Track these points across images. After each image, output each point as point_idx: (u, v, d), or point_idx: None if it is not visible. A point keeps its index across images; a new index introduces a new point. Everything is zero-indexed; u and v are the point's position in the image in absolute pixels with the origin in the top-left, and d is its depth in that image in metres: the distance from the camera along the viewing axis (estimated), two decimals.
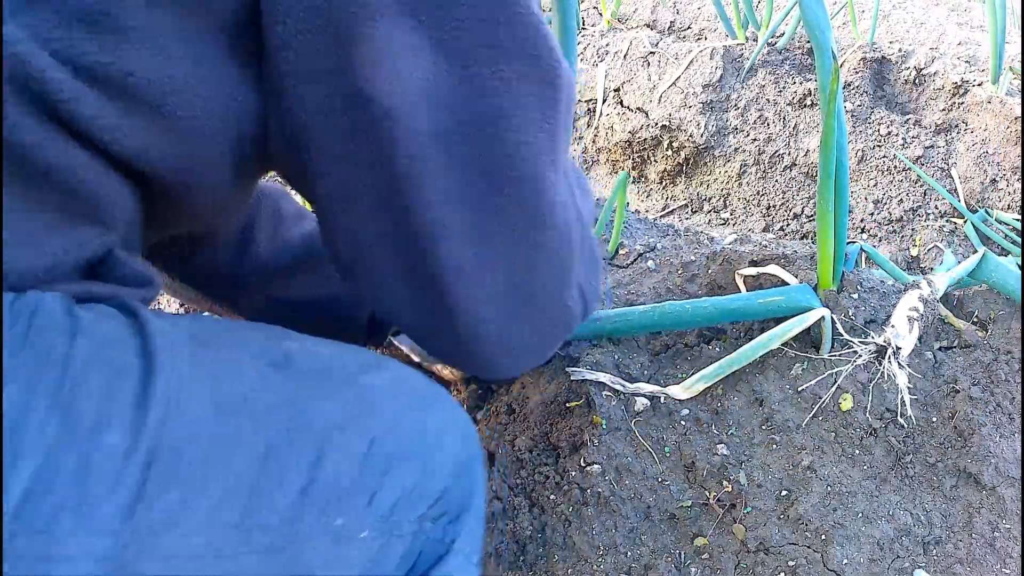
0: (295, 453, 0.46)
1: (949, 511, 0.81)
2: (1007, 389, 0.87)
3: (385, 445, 0.50)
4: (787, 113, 1.83)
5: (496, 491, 0.88)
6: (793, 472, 0.83)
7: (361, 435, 0.49)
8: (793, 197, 1.84)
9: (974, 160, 1.63)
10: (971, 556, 0.78)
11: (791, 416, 0.86)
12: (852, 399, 0.84)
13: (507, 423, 0.98)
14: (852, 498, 0.81)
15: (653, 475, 0.86)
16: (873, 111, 1.76)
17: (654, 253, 1.10)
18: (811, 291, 0.91)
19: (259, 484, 0.44)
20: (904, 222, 1.67)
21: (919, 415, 0.85)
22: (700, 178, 1.97)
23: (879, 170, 1.72)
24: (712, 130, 1.90)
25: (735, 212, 1.93)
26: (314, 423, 0.47)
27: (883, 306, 0.92)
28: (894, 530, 0.79)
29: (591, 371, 0.94)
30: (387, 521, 0.50)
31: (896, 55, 1.84)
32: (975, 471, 0.81)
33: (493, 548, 0.85)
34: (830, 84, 0.75)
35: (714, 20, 2.44)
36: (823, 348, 0.90)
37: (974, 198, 1.62)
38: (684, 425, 0.90)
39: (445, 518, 0.55)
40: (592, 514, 0.84)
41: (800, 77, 1.85)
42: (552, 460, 0.92)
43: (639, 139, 2.00)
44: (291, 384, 0.48)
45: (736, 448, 0.86)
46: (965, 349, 0.91)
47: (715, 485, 0.84)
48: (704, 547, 0.81)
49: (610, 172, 2.10)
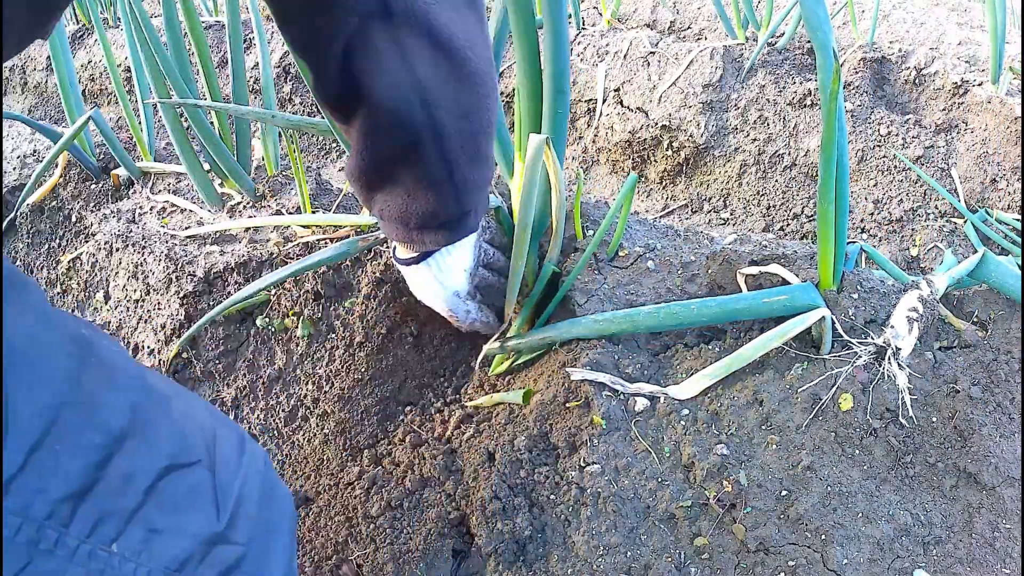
0: (86, 430, 0.43)
1: (949, 511, 0.81)
2: (1007, 389, 0.87)
3: (183, 480, 0.47)
4: (787, 113, 1.83)
5: (496, 491, 0.88)
6: (793, 472, 0.83)
7: (156, 454, 0.46)
8: (793, 197, 1.84)
9: (974, 160, 1.63)
10: (971, 556, 0.78)
11: (791, 416, 0.86)
12: (852, 399, 0.84)
13: (507, 423, 0.98)
14: (852, 498, 0.81)
15: (653, 475, 0.86)
16: (873, 111, 1.76)
17: (654, 253, 1.10)
18: (815, 290, 0.91)
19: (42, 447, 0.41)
20: (904, 222, 1.67)
21: (919, 415, 0.85)
22: (700, 178, 1.97)
23: (879, 170, 1.72)
24: (712, 130, 1.90)
25: (735, 212, 1.93)
26: (108, 416, 0.45)
27: (883, 306, 0.91)
28: (894, 530, 0.79)
29: (591, 371, 0.94)
30: (173, 574, 0.45)
31: (896, 55, 1.84)
32: (975, 471, 0.81)
33: (493, 548, 0.85)
34: (831, 84, 0.75)
35: (714, 20, 2.44)
36: (823, 348, 0.90)
37: (974, 198, 1.62)
38: (684, 425, 0.90)
39: None
40: (592, 514, 0.84)
41: (800, 77, 1.85)
42: (551, 460, 0.92)
43: (639, 139, 2.00)
44: None
45: (736, 448, 0.86)
46: (965, 349, 0.91)
47: (715, 485, 0.84)
48: (704, 547, 0.81)
49: (610, 172, 2.10)
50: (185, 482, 0.47)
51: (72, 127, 1.47)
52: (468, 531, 0.91)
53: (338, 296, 1.21)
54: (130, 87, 2.45)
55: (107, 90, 2.92)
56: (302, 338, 1.23)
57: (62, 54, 1.54)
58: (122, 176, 1.65)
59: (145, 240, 1.42)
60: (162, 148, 1.74)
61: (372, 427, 1.13)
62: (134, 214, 1.52)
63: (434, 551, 0.88)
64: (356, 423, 1.14)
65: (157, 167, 1.62)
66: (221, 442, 0.53)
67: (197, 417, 0.53)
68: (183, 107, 1.30)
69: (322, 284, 1.20)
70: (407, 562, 0.88)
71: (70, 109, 1.59)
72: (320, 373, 1.20)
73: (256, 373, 1.27)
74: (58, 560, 0.41)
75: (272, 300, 1.26)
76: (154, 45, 1.25)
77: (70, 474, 0.42)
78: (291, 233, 1.31)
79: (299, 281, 1.22)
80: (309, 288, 1.22)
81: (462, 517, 0.92)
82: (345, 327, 1.19)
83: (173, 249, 1.37)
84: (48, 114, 3.08)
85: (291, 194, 1.42)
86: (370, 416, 1.14)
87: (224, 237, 1.37)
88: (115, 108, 2.73)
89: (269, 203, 1.42)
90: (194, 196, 1.52)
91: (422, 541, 0.89)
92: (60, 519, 0.41)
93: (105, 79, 2.91)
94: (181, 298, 1.32)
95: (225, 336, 1.30)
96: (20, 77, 3.27)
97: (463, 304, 0.98)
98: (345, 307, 1.20)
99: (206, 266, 1.31)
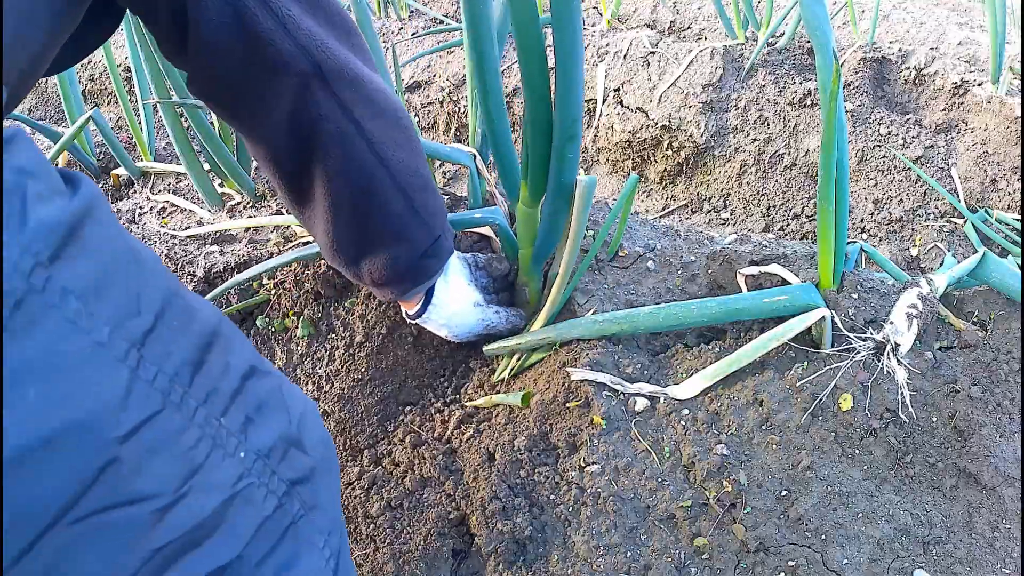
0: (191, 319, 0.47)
1: (949, 511, 0.81)
2: (1007, 389, 0.87)
3: (262, 383, 0.51)
4: (787, 113, 1.83)
5: (496, 491, 0.88)
6: (793, 472, 0.83)
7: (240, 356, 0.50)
8: (793, 197, 1.84)
9: (974, 160, 1.63)
10: (971, 556, 0.78)
11: (791, 416, 0.86)
12: (852, 399, 0.84)
13: (507, 423, 0.98)
14: (852, 498, 0.81)
15: (653, 475, 0.86)
16: (873, 111, 1.76)
17: (654, 253, 1.10)
18: (815, 290, 0.91)
19: (163, 317, 0.44)
20: (904, 222, 1.67)
21: (919, 415, 0.85)
22: (700, 178, 1.97)
23: (879, 170, 1.72)
24: (712, 130, 1.90)
25: (735, 212, 1.93)
26: (203, 315, 0.49)
27: (883, 306, 0.91)
28: (894, 530, 0.79)
29: (591, 371, 0.94)
30: (261, 460, 0.49)
31: (896, 55, 1.84)
32: (975, 471, 0.81)
33: (493, 548, 0.85)
34: (831, 84, 0.75)
35: (714, 20, 2.44)
36: (823, 348, 0.90)
37: (974, 198, 1.62)
38: (684, 425, 0.90)
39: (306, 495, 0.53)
40: (592, 514, 0.84)
41: (800, 77, 1.85)
42: (551, 460, 0.92)
43: (639, 139, 2.00)
44: None
45: (736, 448, 0.86)
46: (965, 349, 0.91)
47: (715, 485, 0.84)
48: (704, 547, 0.81)
49: (610, 172, 2.10)
50: (264, 385, 0.52)
51: (72, 127, 1.47)
52: (468, 531, 0.91)
53: (338, 296, 1.21)
54: (130, 87, 2.45)
55: (107, 90, 2.92)
56: (302, 338, 1.23)
57: None
58: (122, 176, 1.65)
59: (145, 240, 1.42)
60: (162, 148, 1.75)
61: (372, 427, 1.13)
62: (134, 214, 1.52)
63: (434, 551, 0.88)
64: (356, 423, 1.14)
65: (157, 167, 1.62)
66: (283, 377, 0.57)
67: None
68: (183, 107, 1.30)
69: (322, 284, 1.20)
70: (407, 562, 0.88)
71: (70, 109, 1.59)
72: (320, 373, 1.20)
73: None
74: (182, 416, 0.44)
75: (272, 300, 1.26)
76: (154, 45, 1.25)
77: (186, 345, 0.46)
78: (291, 233, 1.31)
79: (299, 281, 1.22)
80: (309, 288, 1.22)
81: (462, 517, 0.92)
82: (345, 327, 1.19)
83: (173, 249, 1.37)
84: (48, 114, 3.08)
85: None
86: (370, 416, 1.14)
87: (224, 237, 1.37)
88: (115, 108, 2.73)
89: (269, 203, 1.42)
90: (194, 196, 1.52)
91: (422, 541, 0.89)
92: (183, 380, 0.45)
93: (105, 79, 2.91)
94: None
95: None
96: None
97: (490, 311, 1.03)
98: (345, 307, 1.20)
99: (206, 266, 1.31)
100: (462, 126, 2.21)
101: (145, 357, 0.42)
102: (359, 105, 0.76)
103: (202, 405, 0.46)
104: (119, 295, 0.42)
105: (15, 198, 0.37)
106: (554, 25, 0.75)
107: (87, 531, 0.40)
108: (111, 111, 2.65)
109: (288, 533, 0.51)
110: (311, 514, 0.53)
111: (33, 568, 0.38)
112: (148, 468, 0.42)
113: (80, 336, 0.39)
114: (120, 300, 0.42)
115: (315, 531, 0.53)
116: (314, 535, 0.53)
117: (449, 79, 2.23)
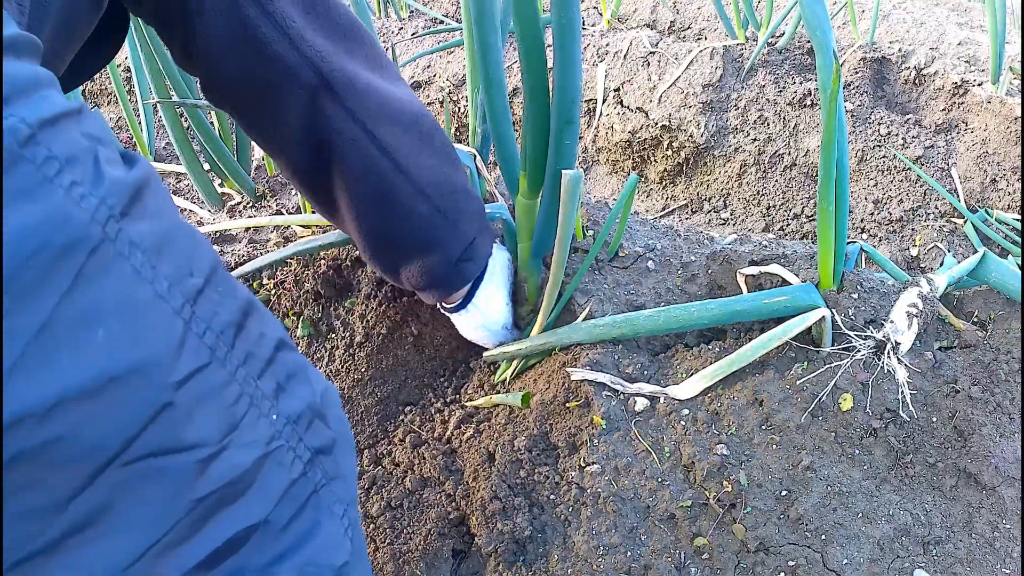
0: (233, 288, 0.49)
1: (949, 511, 0.81)
2: (1007, 389, 0.87)
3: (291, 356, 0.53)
4: (787, 113, 1.83)
5: (496, 491, 0.88)
6: (793, 472, 0.83)
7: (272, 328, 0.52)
8: (793, 197, 1.84)
9: (974, 160, 1.63)
10: (971, 556, 0.78)
11: (791, 416, 0.86)
12: (852, 399, 0.84)
13: (507, 423, 0.98)
14: (852, 498, 0.81)
15: (653, 475, 0.86)
16: (873, 111, 1.76)
17: (654, 253, 1.10)
18: (815, 290, 0.91)
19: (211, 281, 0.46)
20: (904, 222, 1.67)
21: (919, 415, 0.85)
22: (700, 178, 1.97)
23: (879, 170, 1.72)
24: (712, 130, 1.90)
25: (735, 212, 1.93)
26: (240, 288, 0.51)
27: (883, 306, 0.91)
28: (894, 530, 0.79)
29: (591, 371, 0.94)
30: (290, 425, 0.51)
31: (896, 55, 1.84)
32: (975, 471, 0.81)
33: (493, 548, 0.85)
34: (831, 84, 0.75)
35: (714, 20, 2.44)
36: (823, 348, 0.90)
37: (974, 198, 1.62)
38: (684, 425, 0.90)
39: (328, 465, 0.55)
40: (592, 514, 0.84)
41: (800, 77, 1.85)
42: (551, 460, 0.92)
43: (639, 139, 2.00)
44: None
45: (736, 448, 0.86)
46: (965, 349, 0.91)
47: (715, 485, 0.84)
48: (704, 547, 0.81)
49: (610, 172, 2.10)
50: (293, 359, 0.54)
51: None
52: (468, 531, 0.91)
53: (338, 296, 1.21)
54: (130, 87, 2.45)
55: (107, 90, 2.92)
56: (302, 338, 1.23)
57: None
58: None
59: None
60: (162, 148, 1.74)
61: (372, 427, 1.13)
62: None
63: (434, 551, 0.88)
64: (356, 423, 1.14)
65: (157, 167, 1.62)
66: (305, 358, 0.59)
67: None
68: (183, 107, 1.31)
69: (322, 284, 1.20)
70: (407, 562, 0.88)
71: None
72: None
73: None
74: (226, 372, 0.46)
75: (272, 300, 1.26)
76: (154, 45, 1.25)
77: (231, 309, 0.48)
78: (291, 233, 1.31)
79: (299, 281, 1.22)
80: (309, 288, 1.22)
81: (462, 517, 0.92)
82: (345, 327, 1.19)
83: None
84: None
85: (291, 194, 1.42)
86: (370, 416, 1.14)
87: (224, 237, 1.37)
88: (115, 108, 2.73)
89: (269, 203, 1.42)
90: (194, 196, 1.52)
91: (422, 541, 0.89)
92: (227, 340, 0.47)
93: (105, 79, 2.91)
94: None
95: None
96: None
97: (508, 335, 1.06)
98: (345, 307, 1.20)
99: None
100: (462, 126, 2.21)
101: (197, 313, 0.45)
102: (371, 115, 0.77)
103: (242, 365, 0.48)
104: (176, 256, 0.45)
105: (90, 158, 0.40)
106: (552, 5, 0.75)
107: (139, 474, 0.42)
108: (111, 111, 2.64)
109: (310, 501, 0.53)
110: (332, 484, 0.54)
111: (90, 504, 0.40)
112: (197, 417, 0.44)
113: (144, 286, 0.42)
114: (177, 260, 0.45)
115: (335, 500, 0.55)
116: (334, 504, 0.55)
117: (449, 79, 2.23)
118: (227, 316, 0.48)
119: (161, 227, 0.44)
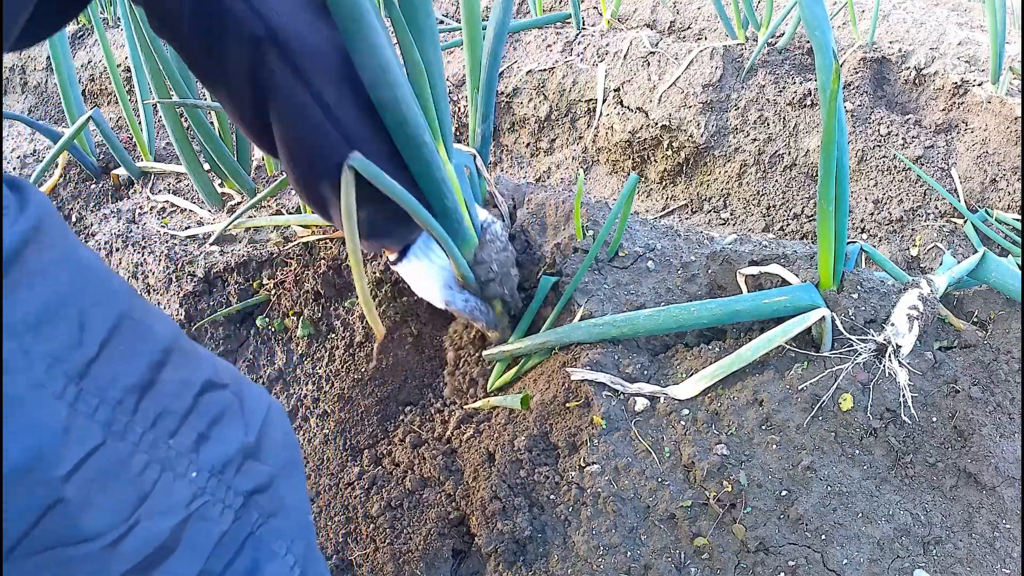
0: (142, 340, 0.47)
1: (949, 511, 0.81)
2: (1007, 389, 0.87)
3: (218, 397, 0.51)
4: (787, 113, 1.83)
5: (496, 491, 0.88)
6: (793, 472, 0.83)
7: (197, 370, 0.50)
8: (793, 197, 1.84)
9: (974, 160, 1.63)
10: (971, 556, 0.78)
11: (791, 416, 0.86)
12: (852, 399, 0.84)
13: (507, 423, 0.98)
14: (852, 498, 0.81)
15: (653, 475, 0.86)
16: (873, 111, 1.76)
17: (654, 253, 1.10)
18: (815, 290, 0.91)
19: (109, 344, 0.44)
20: (904, 222, 1.67)
21: (919, 415, 0.85)
22: (700, 178, 1.97)
23: (879, 170, 1.72)
24: (712, 130, 1.90)
25: (735, 212, 1.93)
26: (157, 333, 0.49)
27: (883, 306, 0.91)
28: (894, 530, 0.79)
29: (591, 371, 0.94)
30: (215, 477, 0.49)
31: (896, 55, 1.84)
32: (975, 471, 0.81)
33: (493, 548, 0.85)
34: (831, 84, 0.75)
35: (714, 20, 2.44)
36: (823, 348, 0.90)
37: (974, 198, 1.62)
38: (684, 425, 0.90)
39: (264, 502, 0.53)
40: (592, 514, 0.84)
41: (800, 77, 1.85)
42: (551, 460, 0.92)
43: (639, 139, 2.00)
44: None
45: (736, 448, 0.86)
46: (965, 349, 0.91)
47: (715, 485, 0.84)
48: (704, 547, 0.81)
49: (610, 172, 2.10)
50: (220, 399, 0.52)
51: (72, 127, 1.47)
52: (468, 531, 0.91)
53: (338, 296, 1.21)
54: (130, 87, 2.45)
55: (107, 90, 2.92)
56: (302, 338, 1.23)
57: (62, 54, 1.54)
58: (122, 176, 1.65)
59: (145, 240, 1.42)
60: (162, 148, 1.74)
61: (372, 427, 1.13)
62: (134, 214, 1.52)
63: (434, 551, 0.88)
64: (356, 423, 1.14)
65: (157, 167, 1.62)
66: (244, 382, 0.57)
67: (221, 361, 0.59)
68: (183, 107, 1.30)
69: (322, 284, 1.20)
70: (407, 562, 0.88)
71: (70, 109, 1.59)
72: (320, 373, 1.20)
73: (256, 373, 1.27)
74: (127, 444, 0.45)
75: (272, 300, 1.26)
76: (154, 45, 1.25)
77: (134, 369, 0.46)
78: (291, 233, 1.31)
79: (299, 281, 1.22)
80: (309, 288, 1.22)
81: (462, 517, 0.92)
82: (345, 327, 1.19)
83: (173, 249, 1.37)
84: (48, 114, 3.08)
85: (291, 194, 1.42)
86: (370, 416, 1.14)
87: (224, 237, 1.37)
88: (115, 108, 2.73)
89: (269, 203, 1.42)
90: (194, 196, 1.52)
91: (422, 541, 0.89)
92: (127, 408, 0.45)
93: (105, 79, 2.91)
94: (181, 298, 1.32)
95: (225, 336, 1.30)
96: (20, 77, 3.27)
97: (459, 294, 0.99)
98: (345, 307, 1.20)
99: (206, 266, 1.31)
100: (462, 126, 2.21)
101: (85, 390, 0.43)
102: (319, 75, 0.74)
103: (149, 430, 0.46)
104: (61, 325, 0.42)
105: None
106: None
107: (50, 562, 0.41)
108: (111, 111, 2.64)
109: (248, 543, 0.51)
110: (271, 521, 0.53)
111: None
112: (95, 502, 0.43)
113: (17, 377, 0.39)
114: (62, 332, 0.42)
115: (276, 538, 0.54)
116: (274, 543, 0.53)
117: (449, 79, 2.23)
118: (129, 379, 0.45)
119: (44, 292, 0.41)
